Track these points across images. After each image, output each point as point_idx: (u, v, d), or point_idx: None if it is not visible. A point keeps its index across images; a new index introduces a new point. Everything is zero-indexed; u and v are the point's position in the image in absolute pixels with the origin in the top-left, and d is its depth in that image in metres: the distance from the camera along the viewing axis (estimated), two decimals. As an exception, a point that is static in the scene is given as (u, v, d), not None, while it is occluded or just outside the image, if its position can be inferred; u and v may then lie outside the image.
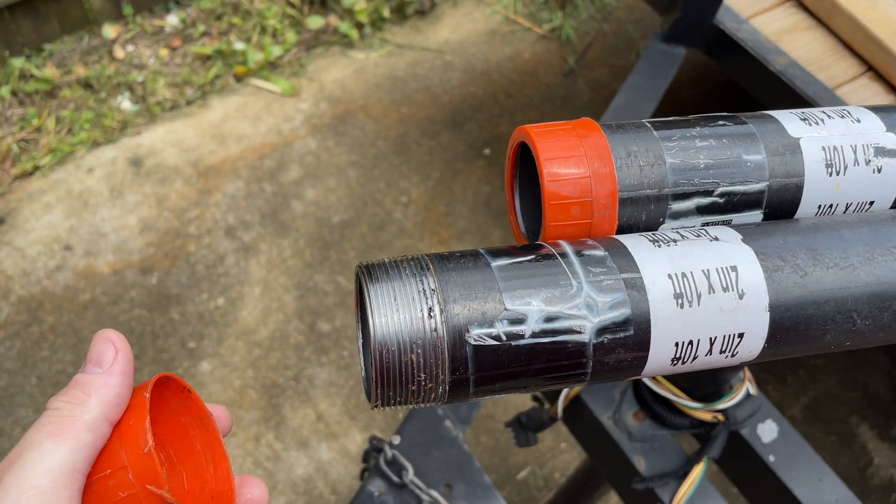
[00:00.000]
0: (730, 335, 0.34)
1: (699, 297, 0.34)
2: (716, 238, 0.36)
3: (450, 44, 2.16)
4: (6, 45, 1.96)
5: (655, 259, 0.34)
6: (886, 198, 0.40)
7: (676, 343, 0.34)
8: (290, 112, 1.98)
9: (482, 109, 2.02)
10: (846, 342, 0.36)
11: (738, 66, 1.33)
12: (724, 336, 0.34)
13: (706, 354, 0.35)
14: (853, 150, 0.39)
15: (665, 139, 0.38)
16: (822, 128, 0.40)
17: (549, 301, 0.33)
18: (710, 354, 0.35)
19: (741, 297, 0.34)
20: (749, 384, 0.70)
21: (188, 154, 1.89)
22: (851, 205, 0.40)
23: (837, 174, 0.39)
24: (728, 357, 0.35)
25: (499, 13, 2.25)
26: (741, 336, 0.35)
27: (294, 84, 2.03)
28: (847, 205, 0.40)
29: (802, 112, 0.41)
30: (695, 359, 0.35)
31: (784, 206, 0.39)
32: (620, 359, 0.34)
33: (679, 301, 0.34)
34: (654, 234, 0.36)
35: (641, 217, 0.38)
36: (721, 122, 0.40)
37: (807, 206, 0.40)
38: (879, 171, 0.40)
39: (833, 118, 0.40)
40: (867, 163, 0.39)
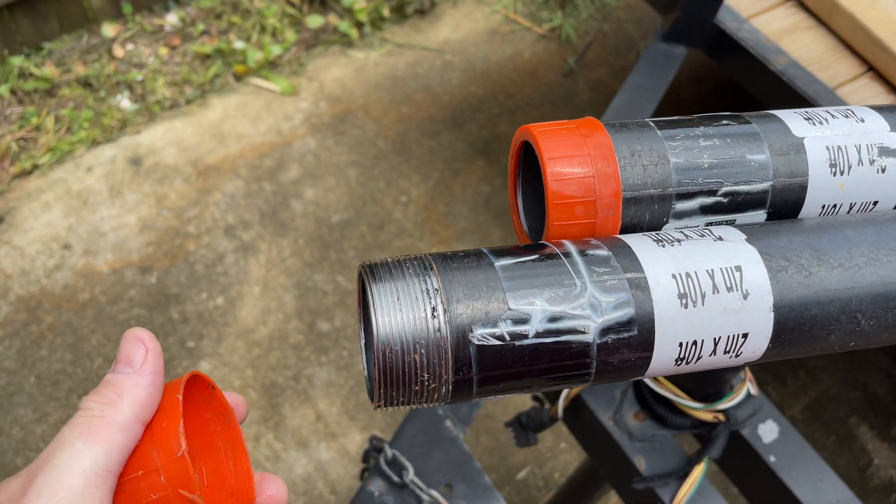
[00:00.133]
0: (734, 335, 0.34)
1: (703, 297, 0.34)
2: (720, 238, 0.36)
3: (450, 43, 2.16)
4: (5, 44, 1.95)
5: (659, 259, 0.34)
6: (890, 198, 0.40)
7: (680, 343, 0.34)
8: (290, 111, 1.98)
9: (482, 109, 2.02)
10: (850, 343, 0.36)
11: (739, 66, 1.33)
12: (729, 336, 0.34)
13: (710, 355, 0.35)
14: (857, 150, 0.39)
15: (669, 138, 0.38)
16: (826, 127, 0.40)
17: (553, 301, 0.32)
18: (715, 355, 0.35)
19: (745, 298, 0.34)
20: (750, 384, 0.70)
21: (187, 153, 1.88)
22: (855, 205, 0.40)
23: (841, 174, 0.39)
24: (732, 357, 0.35)
25: (499, 13, 2.25)
26: (745, 336, 0.34)
27: (294, 83, 2.03)
28: (851, 205, 0.40)
29: (806, 111, 0.41)
30: (699, 359, 0.35)
31: (788, 206, 0.39)
32: (624, 359, 0.33)
33: (683, 301, 0.33)
34: (658, 234, 0.36)
35: (645, 217, 0.38)
36: (725, 122, 0.39)
37: (811, 206, 0.39)
38: (883, 171, 0.39)
39: (837, 118, 0.40)
40: (871, 163, 0.39)
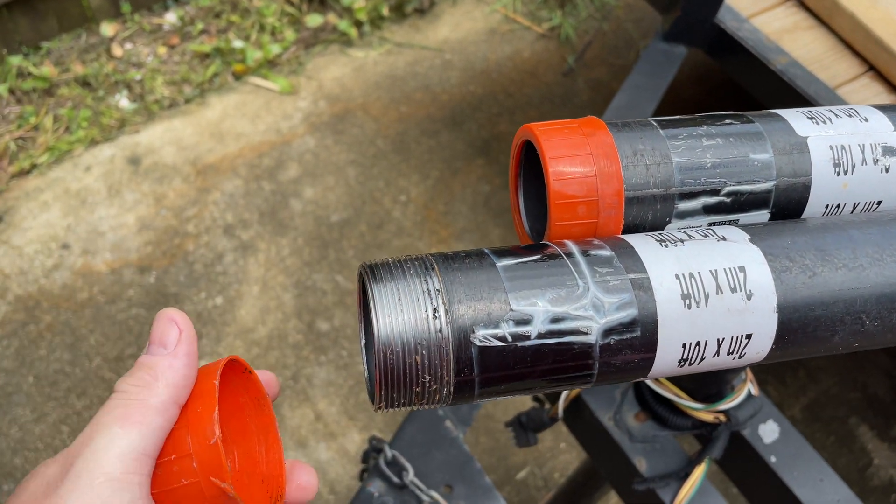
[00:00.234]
0: (738, 336, 0.34)
1: (707, 298, 0.33)
2: (723, 238, 0.35)
3: (449, 42, 2.16)
4: (4, 43, 1.95)
5: (663, 259, 0.34)
6: (894, 197, 0.40)
7: (684, 344, 0.33)
8: (289, 110, 1.97)
9: (481, 108, 2.01)
10: (854, 343, 0.36)
11: (739, 66, 1.33)
12: (732, 337, 0.34)
13: (714, 356, 0.34)
14: (861, 150, 0.39)
15: (671, 138, 0.38)
16: (830, 127, 0.39)
17: (556, 301, 0.32)
18: (718, 356, 0.34)
19: (749, 298, 0.34)
20: (751, 385, 0.70)
21: (186, 152, 1.88)
22: (859, 204, 0.40)
23: (845, 174, 0.39)
24: (735, 358, 0.35)
25: (498, 12, 2.24)
26: (749, 337, 0.34)
27: (293, 82, 2.03)
28: (855, 204, 0.40)
29: (810, 111, 0.41)
30: (702, 360, 0.34)
31: (791, 206, 0.39)
32: (627, 360, 0.33)
33: (687, 302, 0.33)
34: (661, 234, 0.36)
35: (648, 216, 0.37)
36: (728, 121, 0.39)
37: (814, 206, 0.39)
38: (887, 171, 0.39)
39: (841, 117, 0.40)
40: (875, 162, 0.39)
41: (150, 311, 1.63)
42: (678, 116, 0.40)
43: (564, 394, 0.74)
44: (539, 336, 0.32)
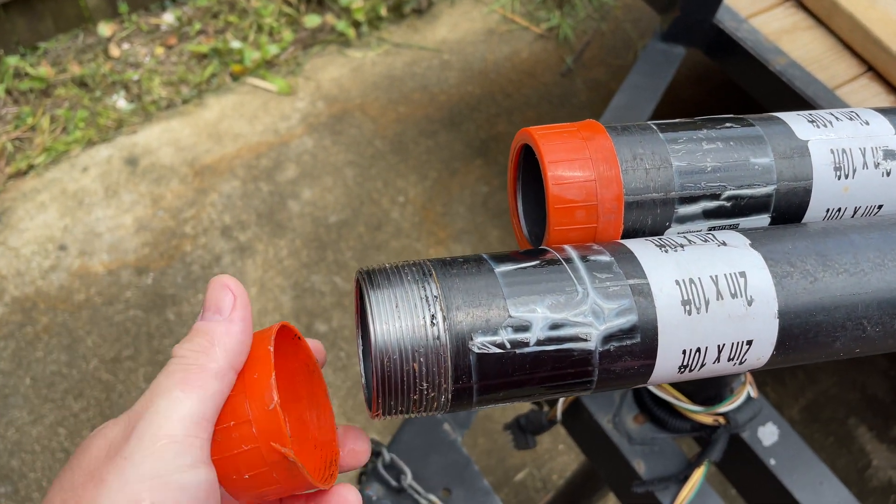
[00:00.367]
0: (738, 342, 0.34)
1: (707, 304, 0.33)
2: (723, 243, 0.35)
3: (447, 43, 2.15)
4: (1, 44, 1.94)
5: (662, 264, 0.34)
6: (895, 202, 0.40)
7: (684, 351, 0.33)
8: (287, 111, 1.97)
9: (480, 109, 2.01)
10: (856, 349, 0.36)
11: (738, 66, 1.32)
12: (733, 343, 0.34)
13: (714, 362, 0.34)
14: (862, 153, 0.39)
15: (671, 142, 0.38)
16: (831, 130, 0.39)
17: (555, 308, 0.32)
18: (718, 362, 0.34)
19: (750, 304, 0.33)
20: (750, 387, 0.70)
21: (184, 153, 1.87)
22: (860, 208, 0.39)
23: (846, 177, 0.38)
24: (736, 365, 0.34)
25: (496, 12, 2.24)
26: (750, 343, 0.34)
27: (291, 83, 2.02)
28: (856, 208, 0.39)
29: (810, 114, 0.40)
30: (702, 366, 0.34)
31: (792, 210, 0.39)
32: (627, 367, 0.33)
33: (687, 308, 0.33)
34: (661, 239, 0.36)
35: (647, 221, 0.37)
36: (728, 125, 0.39)
37: (815, 210, 0.39)
38: (888, 175, 0.39)
39: (841, 120, 0.40)
40: (876, 166, 0.39)
41: (148, 313, 1.62)
42: (678, 120, 0.40)
43: (563, 397, 0.74)
44: (538, 343, 0.32)
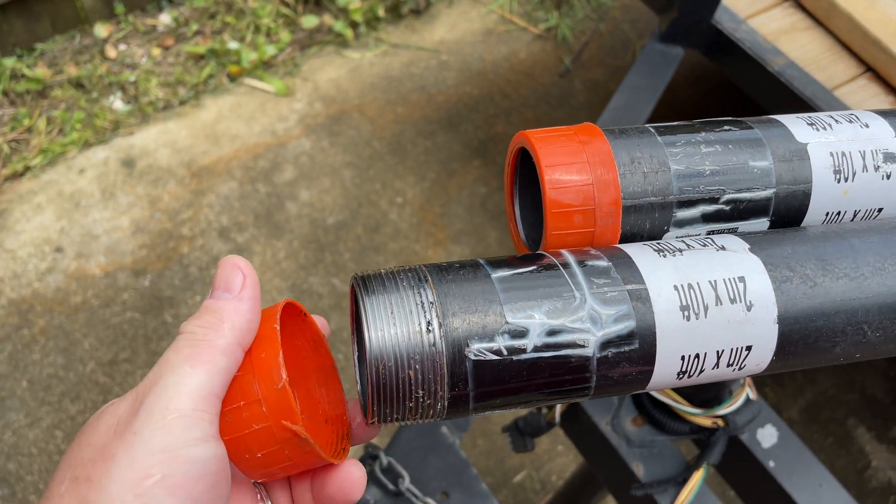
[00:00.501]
0: (737, 348, 0.33)
1: (706, 309, 0.33)
2: (722, 247, 0.35)
3: (445, 43, 2.15)
4: (-3, 45, 1.94)
5: (661, 269, 0.33)
6: (895, 205, 0.39)
7: (683, 356, 0.33)
8: (285, 112, 1.96)
9: (478, 109, 2.01)
10: (856, 354, 0.35)
11: (736, 67, 1.32)
12: (732, 349, 0.33)
13: (713, 368, 0.34)
14: (862, 156, 0.38)
15: (669, 145, 0.37)
16: (830, 133, 0.39)
17: (552, 314, 0.32)
18: (717, 368, 0.34)
19: (749, 309, 0.33)
20: (749, 389, 0.69)
21: (181, 154, 1.87)
22: (860, 212, 0.39)
23: (846, 181, 0.38)
24: (735, 370, 0.34)
25: (494, 13, 2.24)
26: (749, 349, 0.33)
27: (288, 84, 2.02)
28: (855, 212, 0.39)
29: (809, 116, 0.40)
30: (701, 372, 0.34)
31: (791, 214, 0.38)
32: (625, 373, 0.33)
33: (685, 313, 0.32)
34: (659, 244, 0.35)
35: (645, 225, 0.37)
36: (726, 128, 0.39)
37: (814, 214, 0.39)
38: (888, 178, 0.39)
39: (841, 123, 0.39)
40: (876, 169, 0.38)
41: (146, 315, 1.62)
42: (676, 123, 0.39)
43: (561, 399, 0.74)
44: (535, 349, 0.31)
